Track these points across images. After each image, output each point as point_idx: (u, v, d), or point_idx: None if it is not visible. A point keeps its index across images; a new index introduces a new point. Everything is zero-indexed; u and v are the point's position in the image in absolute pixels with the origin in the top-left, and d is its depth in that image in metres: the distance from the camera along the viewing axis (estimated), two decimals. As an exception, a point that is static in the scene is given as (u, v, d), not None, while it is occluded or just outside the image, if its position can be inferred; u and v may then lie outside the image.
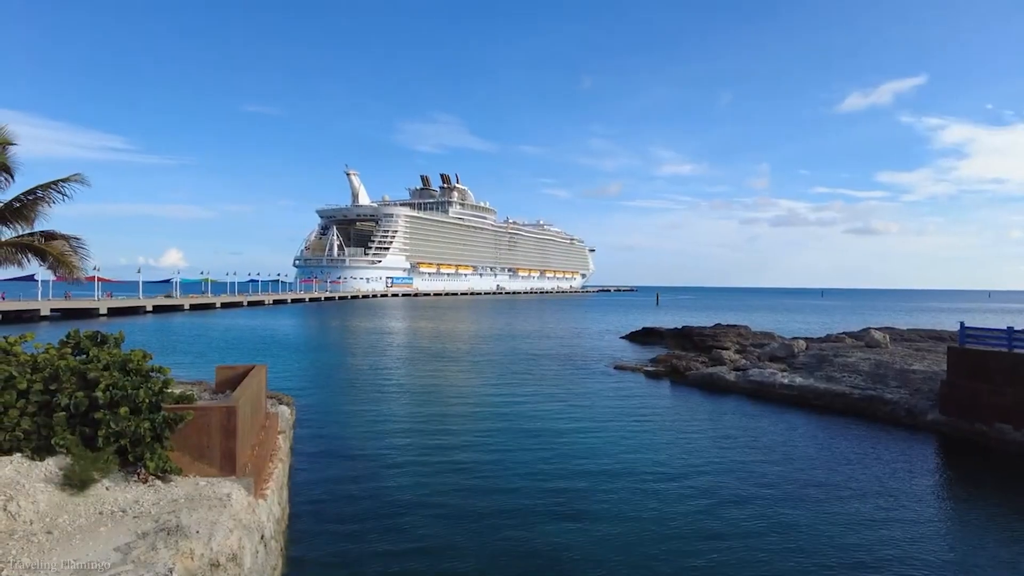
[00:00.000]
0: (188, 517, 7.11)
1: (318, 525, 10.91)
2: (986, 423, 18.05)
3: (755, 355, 31.90)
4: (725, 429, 19.19)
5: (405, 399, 23.08)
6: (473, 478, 13.63)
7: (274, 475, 10.85)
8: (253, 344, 40.47)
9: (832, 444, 17.58)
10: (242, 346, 39.10)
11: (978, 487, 14.94)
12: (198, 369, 26.12)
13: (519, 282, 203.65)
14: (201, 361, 30.11)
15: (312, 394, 23.23)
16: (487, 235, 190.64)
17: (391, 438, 17.13)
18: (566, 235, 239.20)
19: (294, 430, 17.07)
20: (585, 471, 14.28)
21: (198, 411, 9.07)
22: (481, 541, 10.29)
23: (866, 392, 22.39)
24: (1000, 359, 18.60)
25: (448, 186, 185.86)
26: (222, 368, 13.77)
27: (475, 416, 20.37)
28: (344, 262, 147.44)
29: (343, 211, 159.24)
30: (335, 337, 48.88)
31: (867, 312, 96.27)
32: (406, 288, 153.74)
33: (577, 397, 23.62)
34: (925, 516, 12.09)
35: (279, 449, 12.87)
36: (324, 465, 14.52)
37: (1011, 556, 10.39)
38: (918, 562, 9.90)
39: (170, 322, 58.07)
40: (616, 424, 19.30)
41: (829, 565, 9.68)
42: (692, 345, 39.62)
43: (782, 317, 79.88)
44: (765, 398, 24.43)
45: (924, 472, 15.30)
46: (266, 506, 9.12)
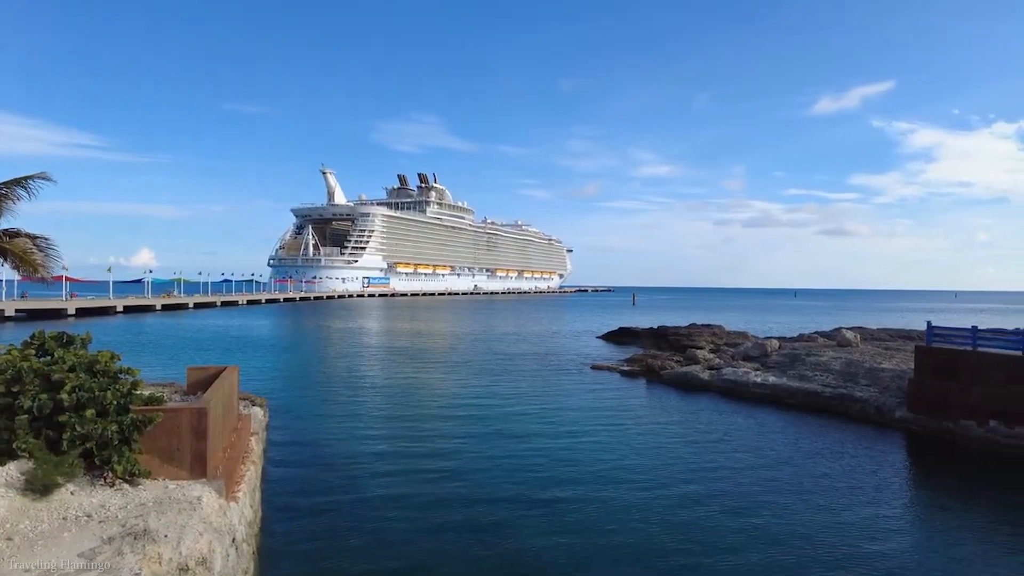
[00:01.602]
0: (156, 521, 6.97)
1: (291, 527, 10.79)
2: (952, 420, 18.47)
3: (729, 354, 32.27)
4: (699, 428, 19.38)
5: (381, 400, 22.93)
6: (449, 480, 13.58)
7: (246, 477, 10.70)
8: (226, 345, 39.89)
9: (803, 442, 17.86)
10: (215, 347, 38.51)
11: (943, 483, 15.32)
12: (169, 370, 25.65)
13: (497, 282, 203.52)
14: (172, 362, 29.58)
15: (286, 395, 22.96)
16: (465, 235, 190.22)
17: (366, 440, 17.01)
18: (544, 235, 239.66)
19: (267, 432, 16.85)
20: (561, 472, 14.31)
21: (168, 413, 8.91)
22: (457, 543, 10.25)
23: (837, 390, 22.78)
24: (965, 358, 19.05)
25: (426, 186, 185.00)
26: (193, 369, 13.54)
27: (451, 417, 20.31)
28: (320, 262, 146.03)
29: (319, 210, 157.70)
30: (310, 338, 48.40)
31: (839, 312, 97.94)
32: (383, 288, 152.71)
33: (554, 397, 23.68)
34: (891, 511, 12.35)
35: (251, 451, 12.70)
36: (297, 467, 14.36)
37: (973, 549, 10.66)
38: (883, 556, 10.10)
39: (141, 323, 56.99)
40: (592, 424, 19.38)
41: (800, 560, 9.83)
42: (667, 345, 39.97)
43: (756, 317, 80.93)
44: (739, 397, 24.72)
45: (891, 469, 15.62)
46: (238, 509, 8.99)
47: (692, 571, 9.45)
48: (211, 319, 63.23)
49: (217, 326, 54.61)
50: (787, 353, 29.26)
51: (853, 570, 9.56)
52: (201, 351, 35.81)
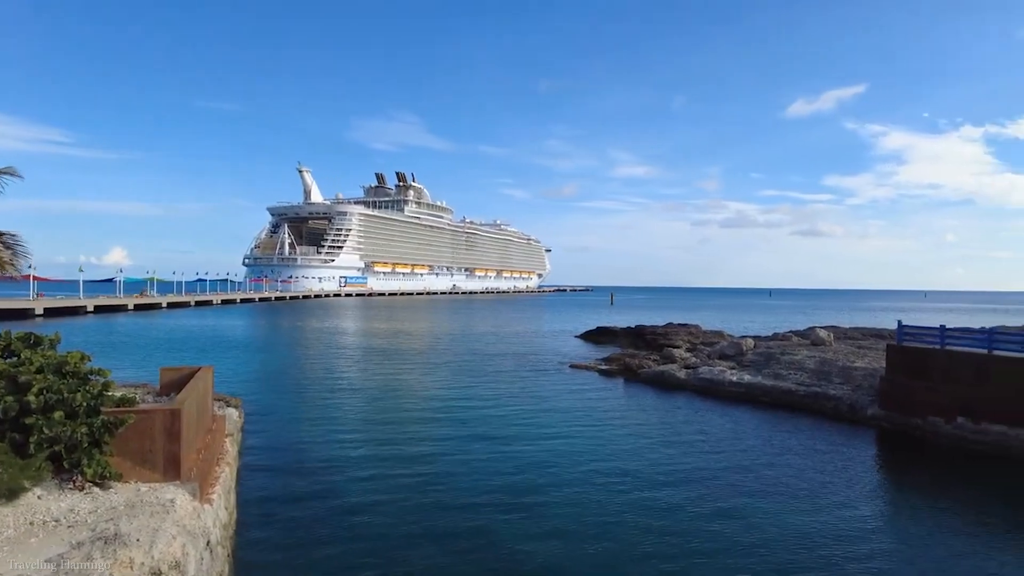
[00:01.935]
0: (128, 525, 6.84)
1: (267, 529, 10.66)
2: (921, 417, 18.86)
3: (705, 353, 32.60)
4: (676, 428, 19.55)
5: (358, 401, 22.76)
6: (427, 480, 13.52)
7: (221, 479, 10.55)
8: (200, 345, 39.31)
9: (778, 440, 18.11)
10: (189, 347, 37.93)
11: (912, 479, 15.66)
12: (142, 371, 25.20)
13: (476, 282, 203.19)
14: (145, 363, 29.07)
15: (261, 396, 22.69)
16: (444, 234, 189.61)
17: (343, 440, 16.87)
18: (523, 235, 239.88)
19: (242, 433, 16.64)
20: (540, 474, 14.31)
21: (140, 414, 8.76)
22: (435, 544, 10.21)
23: (811, 389, 23.13)
24: (934, 356, 19.47)
25: (404, 184, 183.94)
26: (167, 370, 13.32)
27: (429, 417, 20.25)
28: (296, 261, 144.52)
29: (295, 209, 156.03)
30: (286, 338, 47.91)
31: (813, 311, 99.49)
32: (360, 288, 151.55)
33: (532, 397, 23.71)
34: (861, 507, 12.58)
35: (226, 452, 12.53)
36: (273, 468, 14.20)
37: (941, 542, 10.91)
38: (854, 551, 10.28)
39: (113, 323, 55.91)
40: (570, 424, 19.43)
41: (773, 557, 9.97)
42: (645, 344, 40.26)
43: (731, 316, 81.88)
44: (715, 395, 24.98)
45: (862, 465, 15.91)
46: (212, 511, 8.86)
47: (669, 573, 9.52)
48: (185, 319, 62.26)
49: (191, 326, 53.79)
50: (762, 352, 29.65)
51: (825, 566, 9.72)
52: (174, 351, 35.24)
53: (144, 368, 26.40)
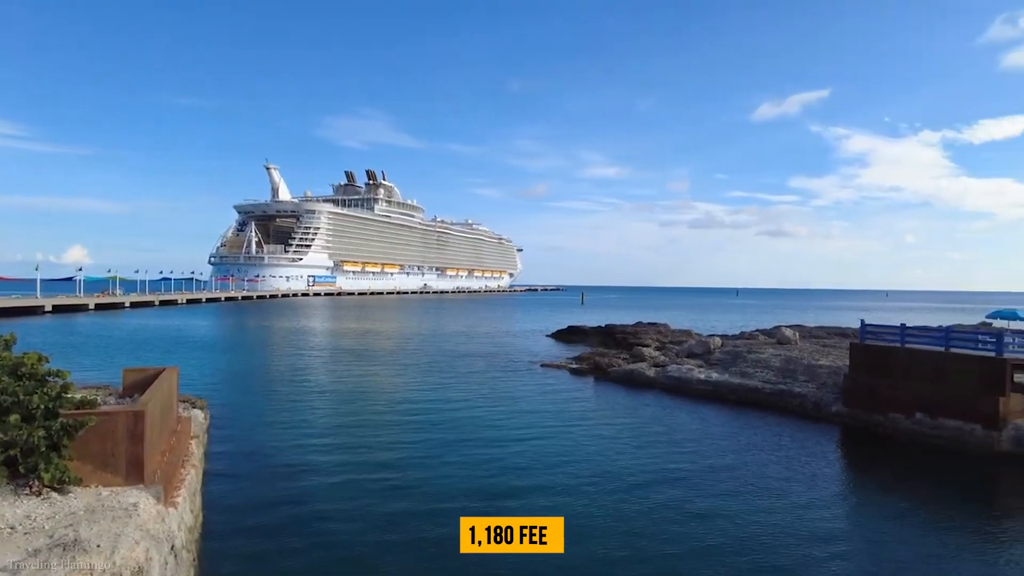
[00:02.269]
0: (88, 530, 6.66)
1: (234, 532, 10.49)
2: (882, 414, 19.36)
3: (674, 352, 32.99)
4: (645, 426, 19.75)
5: (326, 402, 22.51)
6: (396, 483, 13.40)
7: (186, 482, 10.33)
8: (165, 345, 38.46)
9: (744, 436, 18.42)
10: (153, 348, 37.08)
11: (873, 473, 16.09)
12: (104, 373, 24.58)
13: (447, 281, 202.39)
14: (107, 364, 28.35)
15: (228, 397, 22.30)
16: (414, 233, 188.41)
17: (311, 442, 16.66)
18: (494, 234, 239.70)
19: (208, 435, 16.33)
20: (511, 475, 14.33)
21: (101, 416, 8.52)
22: (406, 549, 10.13)
23: (777, 386, 23.57)
24: (895, 354, 20.01)
25: (374, 183, 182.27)
26: (130, 371, 12.99)
27: (399, 418, 20.12)
28: (263, 260, 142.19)
29: (262, 207, 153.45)
30: (253, 338, 47.13)
31: (778, 311, 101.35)
32: (329, 287, 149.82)
33: (503, 397, 23.72)
34: (824, 502, 12.88)
35: (192, 455, 12.27)
36: (240, 470, 13.97)
37: (900, 534, 11.23)
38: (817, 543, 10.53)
39: (73, 323, 54.35)
40: (541, 424, 19.50)
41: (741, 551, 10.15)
42: (615, 343, 40.63)
43: (699, 315, 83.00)
44: (683, 393, 25.30)
45: (826, 461, 16.29)
46: (177, 514, 8.67)
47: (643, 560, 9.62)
48: (149, 319, 60.84)
49: (155, 326, 52.59)
50: (729, 350, 30.11)
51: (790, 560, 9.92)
52: (138, 352, 34.42)
53: (106, 370, 25.76)
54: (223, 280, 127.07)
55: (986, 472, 15.71)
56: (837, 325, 47.16)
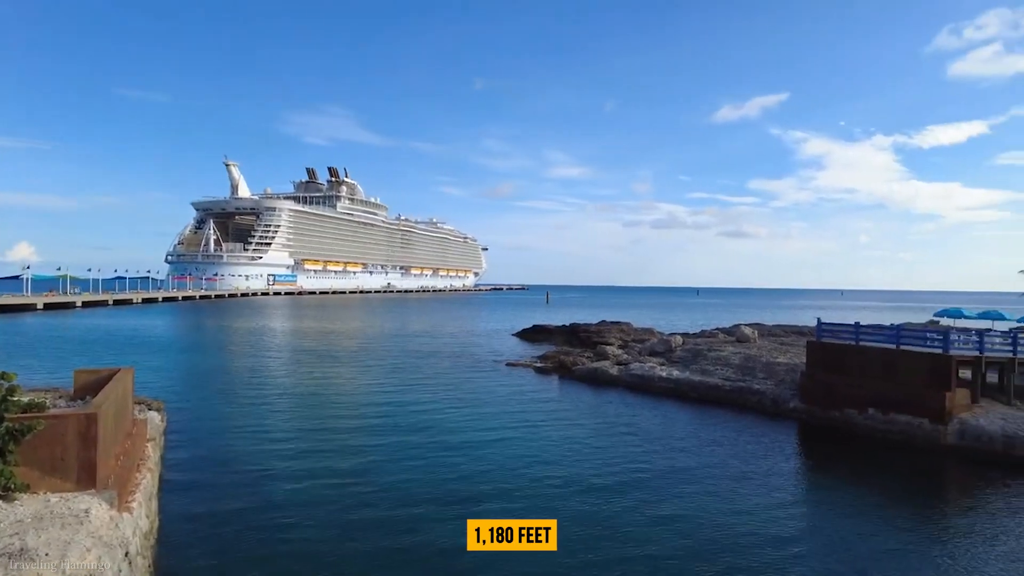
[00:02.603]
0: (35, 538, 6.43)
1: (191, 537, 10.24)
2: (838, 410, 19.93)
3: (637, 350, 33.39)
4: (609, 423, 19.96)
5: (288, 403, 22.15)
6: (361, 485, 13.24)
7: (142, 486, 10.07)
8: (119, 346, 37.33)
9: (705, 433, 18.76)
10: (106, 348, 35.96)
11: (828, 467, 16.56)
12: (54, 375, 23.77)
13: (411, 280, 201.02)
14: (58, 366, 27.40)
15: (185, 399, 21.77)
16: (378, 232, 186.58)
17: (271, 444, 16.36)
18: (459, 233, 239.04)
19: (165, 437, 15.94)
20: (477, 472, 14.34)
21: (50, 420, 8.24)
22: (368, 551, 10.02)
23: (736, 384, 24.05)
24: (849, 352, 20.62)
25: (336, 180, 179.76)
26: (81, 372, 12.62)
27: (362, 419, 19.92)
28: (222, 258, 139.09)
29: (221, 204, 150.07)
30: (211, 338, 46.08)
31: (738, 309, 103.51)
32: (289, 286, 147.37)
33: (469, 396, 23.68)
34: (780, 495, 13.21)
35: (148, 458, 11.97)
36: (199, 474, 13.64)
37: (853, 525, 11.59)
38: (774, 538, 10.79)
39: (19, 323, 52.31)
40: (506, 422, 19.54)
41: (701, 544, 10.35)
42: (579, 341, 40.95)
43: (661, 314, 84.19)
44: (646, 391, 25.64)
45: (782, 455, 16.70)
46: (132, 520, 8.44)
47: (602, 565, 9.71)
48: (102, 319, 58.95)
49: (109, 326, 50.98)
50: (690, 349, 30.61)
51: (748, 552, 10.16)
52: (90, 353, 33.32)
53: (56, 372, 24.92)
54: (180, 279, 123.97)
55: (933, 465, 16.30)
56: (795, 324, 48.37)
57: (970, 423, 17.16)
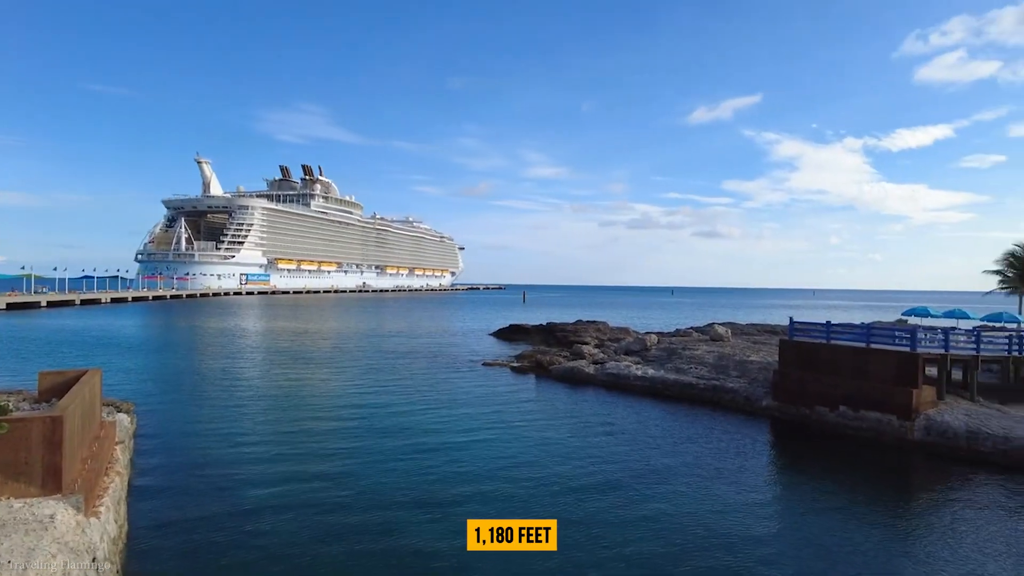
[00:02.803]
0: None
1: (161, 543, 10.04)
2: (809, 407, 20.26)
3: (612, 349, 33.60)
4: (585, 422, 20.05)
5: (261, 404, 21.85)
6: (336, 487, 13.11)
7: (110, 490, 9.87)
8: (87, 347, 36.52)
9: (679, 431, 18.95)
10: (73, 349, 35.15)
11: (800, 463, 16.82)
12: (17, 377, 23.18)
13: (387, 280, 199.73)
14: (21, 368, 26.73)
15: (156, 401, 21.37)
16: (353, 230, 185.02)
17: (244, 446, 16.12)
18: (436, 233, 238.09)
19: (134, 440, 15.65)
20: (454, 473, 14.30)
21: (13, 423, 8.03)
22: (346, 555, 9.90)
23: (710, 382, 24.32)
24: (821, 350, 20.97)
25: (310, 178, 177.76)
26: (47, 374, 12.31)
27: (337, 421, 19.71)
28: (193, 257, 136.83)
29: (192, 202, 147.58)
30: (182, 338, 45.29)
31: (712, 309, 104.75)
32: (262, 286, 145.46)
33: (446, 396, 23.61)
34: (752, 492, 13.41)
35: (116, 461, 11.74)
36: (169, 477, 13.40)
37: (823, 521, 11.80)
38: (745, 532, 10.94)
39: (-19, 323, 50.90)
40: (483, 422, 19.52)
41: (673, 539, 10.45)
42: (556, 341, 41.07)
43: (637, 314, 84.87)
44: (621, 389, 25.82)
45: (756, 453, 16.93)
46: (99, 525, 8.26)
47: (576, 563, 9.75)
48: (69, 319, 57.58)
49: (76, 327, 49.83)
50: (665, 347, 30.89)
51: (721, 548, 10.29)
52: (56, 355, 32.56)
53: (19, 374, 24.31)
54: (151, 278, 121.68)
55: (901, 461, 16.65)
56: (767, 322, 49.08)
57: (935, 420, 17.56)
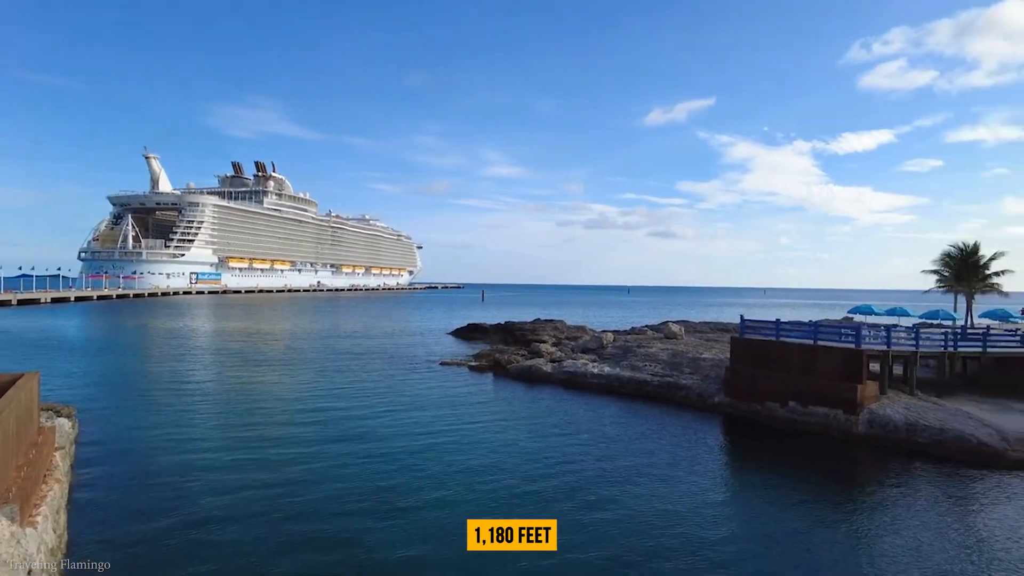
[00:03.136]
0: (-74, 558, 5.94)
1: (104, 554, 9.65)
2: (760, 403, 20.80)
3: (570, 347, 33.87)
4: (542, 419, 20.16)
5: (212, 407, 21.29)
6: (290, 493, 12.80)
7: (48, 499, 9.47)
8: (23, 349, 34.99)
9: (634, 427, 19.24)
10: (9, 352, 33.62)
11: (750, 457, 17.28)
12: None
13: (343, 279, 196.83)
14: (-49, 371, 25.38)
15: (100, 404, 20.61)
16: (307, 228, 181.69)
17: (195, 452, 15.65)
18: (393, 231, 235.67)
19: (76, 445, 15.05)
20: (412, 476, 14.15)
21: (-58, 430, 7.63)
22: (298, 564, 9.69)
23: (664, 379, 24.74)
24: (771, 347, 21.54)
25: (263, 175, 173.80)
26: (-22, 378, 11.71)
27: (292, 424, 19.33)
28: (141, 255, 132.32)
29: (140, 198, 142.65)
30: (129, 340, 43.77)
31: (666, 307, 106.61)
32: (213, 285, 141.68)
33: (402, 396, 23.43)
34: (704, 485, 13.73)
35: (56, 468, 11.28)
36: (113, 484, 12.94)
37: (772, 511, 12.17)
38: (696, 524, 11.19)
39: (-92, 325, 48.23)
40: (441, 423, 19.42)
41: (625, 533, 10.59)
42: (514, 339, 41.17)
43: (594, 312, 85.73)
44: (578, 387, 26.05)
45: (708, 448, 17.33)
46: (36, 535, 7.92)
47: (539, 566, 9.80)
48: (4, 320, 55.04)
49: (12, 328, 47.66)
50: (621, 345, 31.29)
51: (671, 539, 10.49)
52: (-10, 357, 31.08)
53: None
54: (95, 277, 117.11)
55: (847, 454, 17.24)
56: (720, 321, 50.19)
57: (878, 413, 18.24)
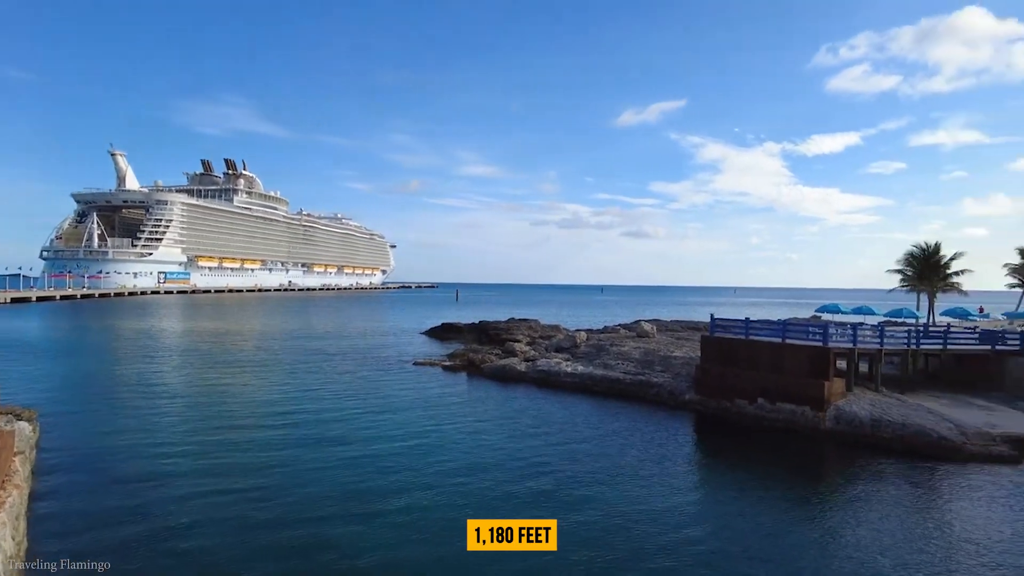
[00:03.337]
0: None
1: (67, 558, 9.44)
2: (730, 400, 21.11)
3: (543, 346, 33.99)
4: (516, 419, 20.21)
5: (180, 410, 20.91)
6: (261, 498, 12.62)
7: (7, 504, 9.24)
8: (-18, 351, 33.94)
9: (607, 425, 19.40)
10: (-34, 354, 32.59)
11: (720, 454, 17.60)
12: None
13: (314, 278, 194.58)
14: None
15: (62, 407, 20.11)
16: (278, 227, 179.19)
17: (162, 455, 15.36)
18: (366, 230, 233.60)
19: (37, 450, 14.69)
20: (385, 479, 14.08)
21: None
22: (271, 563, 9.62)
23: (637, 377, 24.97)
24: (739, 346, 21.88)
25: (233, 173, 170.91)
26: (-66, 381, 11.37)
27: (261, 428, 18.97)
28: (107, 254, 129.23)
29: (106, 196, 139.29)
30: (93, 341, 42.75)
31: (639, 306, 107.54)
32: (182, 284, 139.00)
33: (376, 398, 23.26)
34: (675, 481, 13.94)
35: (15, 473, 11.00)
36: (76, 489, 12.65)
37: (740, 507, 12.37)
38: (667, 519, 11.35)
39: None
40: (414, 424, 19.32)
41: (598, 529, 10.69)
42: (488, 339, 41.18)
43: (567, 311, 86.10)
44: (552, 386, 26.16)
45: (678, 445, 17.57)
46: (-5, 543, 7.71)
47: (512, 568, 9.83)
48: (-39, 321, 53.39)
49: (-30, 329, 46.23)
50: (594, 344, 31.49)
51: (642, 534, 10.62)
52: (-53, 359, 30.10)
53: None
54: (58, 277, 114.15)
55: (814, 449, 17.60)
56: (691, 319, 50.76)
57: (844, 409, 18.65)
